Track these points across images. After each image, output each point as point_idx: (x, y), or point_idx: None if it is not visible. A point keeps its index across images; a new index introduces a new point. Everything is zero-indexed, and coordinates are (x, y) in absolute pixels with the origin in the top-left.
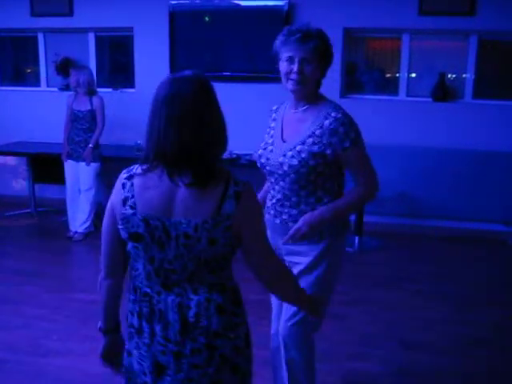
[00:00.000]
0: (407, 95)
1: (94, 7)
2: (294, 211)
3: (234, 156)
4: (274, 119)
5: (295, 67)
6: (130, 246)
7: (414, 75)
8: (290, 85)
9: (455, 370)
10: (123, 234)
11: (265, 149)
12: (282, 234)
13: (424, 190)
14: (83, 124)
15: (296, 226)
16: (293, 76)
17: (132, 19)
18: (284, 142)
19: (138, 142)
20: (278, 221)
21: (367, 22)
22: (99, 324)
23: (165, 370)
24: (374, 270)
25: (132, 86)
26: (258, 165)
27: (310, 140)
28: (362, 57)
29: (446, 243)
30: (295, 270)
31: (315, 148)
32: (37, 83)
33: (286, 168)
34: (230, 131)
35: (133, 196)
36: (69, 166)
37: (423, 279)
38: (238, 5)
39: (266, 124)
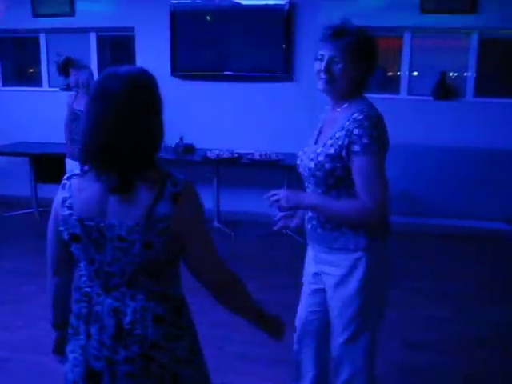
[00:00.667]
0: (408, 94)
1: (96, 7)
2: (322, 217)
3: (236, 155)
4: (321, 120)
5: (322, 65)
6: (72, 246)
7: (415, 74)
8: (319, 84)
9: (457, 370)
10: (64, 235)
11: (303, 150)
12: (312, 240)
13: (425, 188)
14: None
15: (278, 192)
16: (320, 75)
17: (133, 19)
18: (316, 143)
19: None
20: (309, 226)
21: (368, 21)
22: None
23: (99, 379)
24: None
25: None
26: (296, 167)
27: (330, 142)
28: None
29: (447, 242)
30: (327, 283)
31: (332, 150)
32: (39, 83)
33: (307, 171)
34: (232, 130)
35: (70, 197)
36: (70, 166)
37: (424, 278)
38: (239, 4)
39: (267, 124)
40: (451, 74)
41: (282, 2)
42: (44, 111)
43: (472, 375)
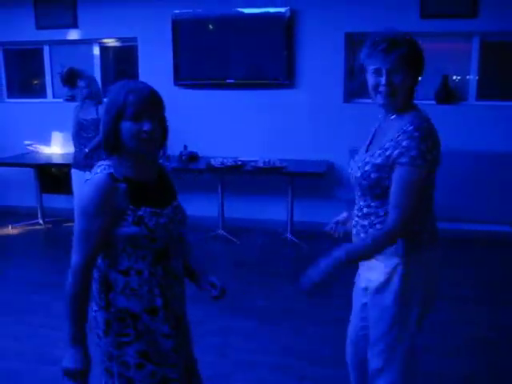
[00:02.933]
0: None
1: (98, 19)
2: (365, 222)
3: (240, 163)
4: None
5: (383, 79)
6: None
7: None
8: (379, 99)
9: (459, 372)
10: None
11: (353, 159)
12: None
13: None
14: (89, 133)
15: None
16: (381, 89)
17: (136, 29)
18: (366, 152)
19: None
20: (354, 231)
21: (369, 27)
22: None
23: None
24: None
25: None
26: (349, 176)
27: (378, 152)
28: None
29: (447, 244)
30: (369, 288)
31: (379, 160)
32: (43, 95)
33: (354, 179)
34: (235, 138)
35: None
36: (76, 176)
37: None
38: (241, 12)
39: (270, 131)
40: (454, 78)
41: (282, 10)
42: (49, 122)
43: (473, 377)
